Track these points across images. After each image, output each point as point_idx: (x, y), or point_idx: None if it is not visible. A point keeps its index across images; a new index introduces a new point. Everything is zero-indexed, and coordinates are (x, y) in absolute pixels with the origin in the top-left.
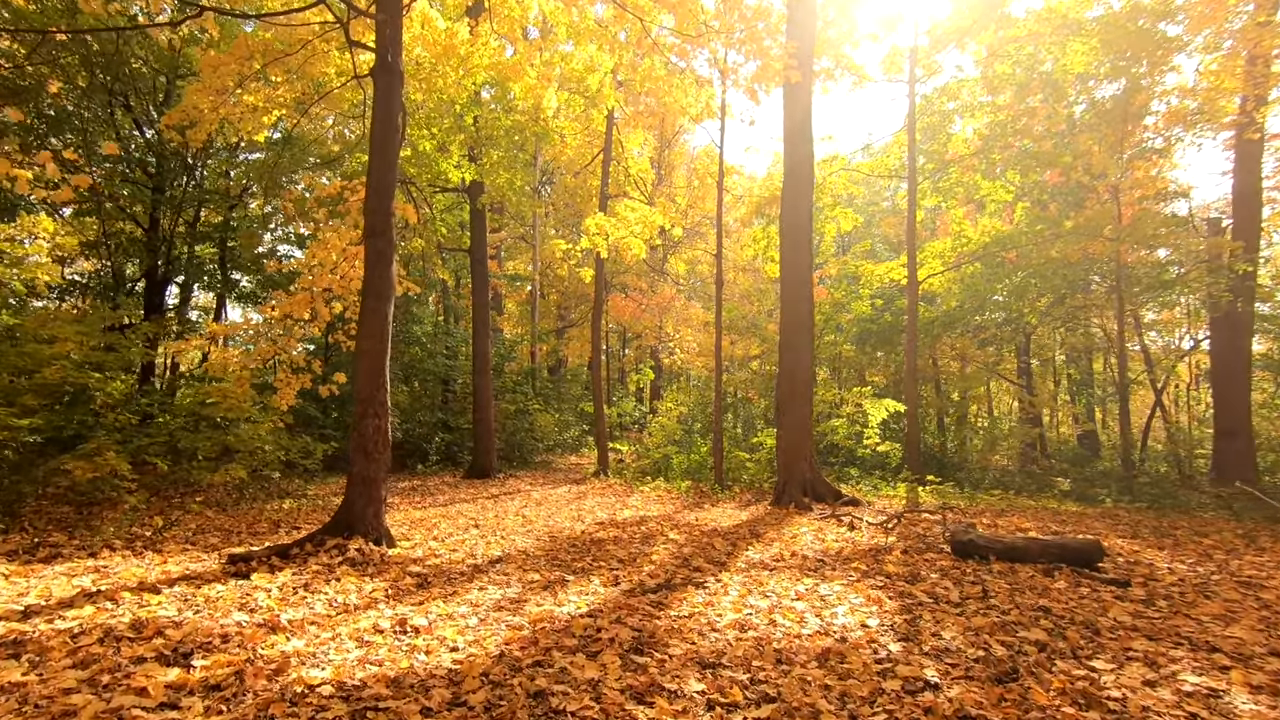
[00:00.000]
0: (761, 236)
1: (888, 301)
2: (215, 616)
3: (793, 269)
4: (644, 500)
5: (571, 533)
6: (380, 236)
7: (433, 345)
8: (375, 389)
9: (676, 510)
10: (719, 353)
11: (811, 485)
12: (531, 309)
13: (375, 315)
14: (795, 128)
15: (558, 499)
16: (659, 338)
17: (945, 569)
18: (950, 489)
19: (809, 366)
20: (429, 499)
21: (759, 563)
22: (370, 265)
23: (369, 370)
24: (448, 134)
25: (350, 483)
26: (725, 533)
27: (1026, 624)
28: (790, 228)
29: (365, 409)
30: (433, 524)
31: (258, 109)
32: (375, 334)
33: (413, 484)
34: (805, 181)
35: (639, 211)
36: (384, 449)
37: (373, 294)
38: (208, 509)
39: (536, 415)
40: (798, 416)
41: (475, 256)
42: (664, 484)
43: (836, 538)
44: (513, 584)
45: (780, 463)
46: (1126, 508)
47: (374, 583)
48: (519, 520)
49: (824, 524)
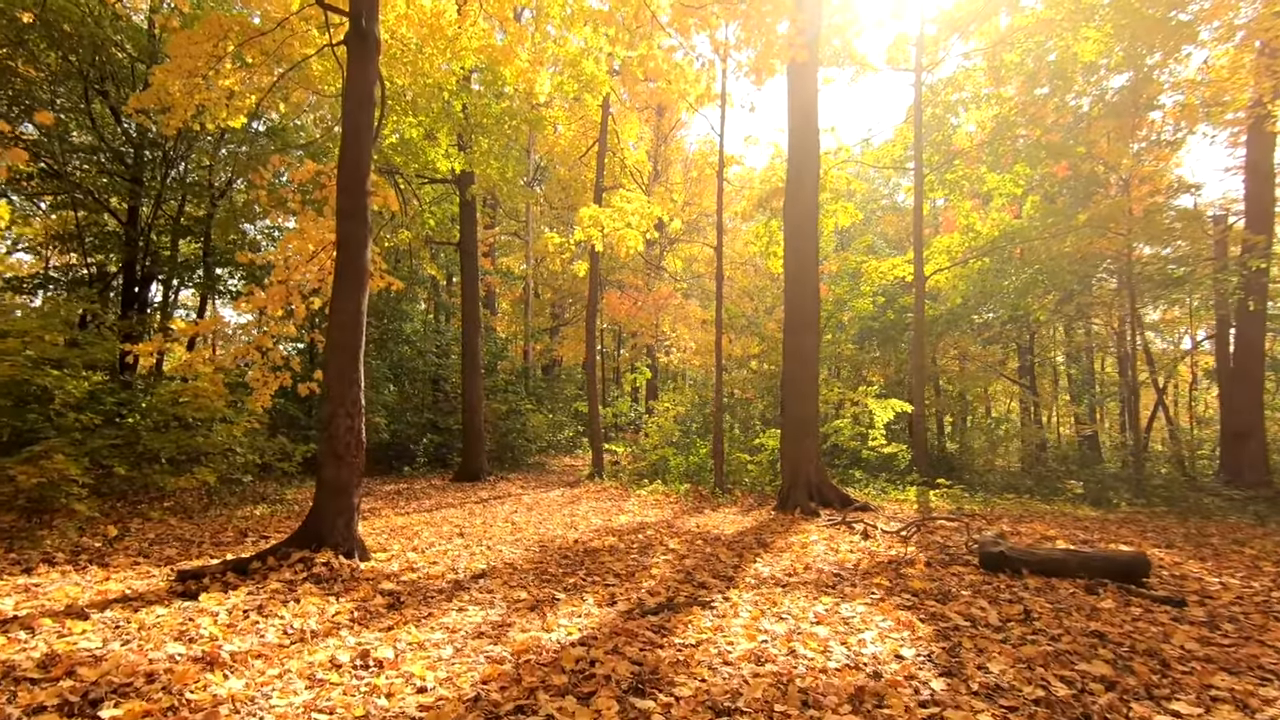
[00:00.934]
0: (763, 231)
1: (889, 299)
2: (145, 649)
3: (797, 260)
4: (641, 505)
5: (563, 542)
6: (353, 219)
7: (422, 344)
8: (348, 385)
9: (675, 515)
10: (719, 350)
11: (818, 489)
12: (525, 307)
13: (347, 304)
14: (801, 108)
15: (550, 503)
16: (655, 336)
17: (976, 585)
18: (960, 492)
19: (814, 364)
20: (414, 503)
21: (770, 578)
22: (343, 250)
23: (341, 364)
24: (435, 120)
25: (319, 489)
26: (729, 541)
27: (1084, 654)
28: (795, 216)
29: (336, 407)
30: (414, 532)
31: (234, 94)
32: (347, 324)
33: (398, 487)
34: (811, 167)
35: (636, 202)
36: (357, 452)
37: (345, 281)
38: (172, 516)
39: (529, 415)
40: (803, 417)
41: (465, 250)
42: (662, 487)
43: (851, 548)
44: (496, 603)
45: (785, 466)
46: (1144, 512)
47: (339, 603)
48: (507, 527)
49: (835, 532)
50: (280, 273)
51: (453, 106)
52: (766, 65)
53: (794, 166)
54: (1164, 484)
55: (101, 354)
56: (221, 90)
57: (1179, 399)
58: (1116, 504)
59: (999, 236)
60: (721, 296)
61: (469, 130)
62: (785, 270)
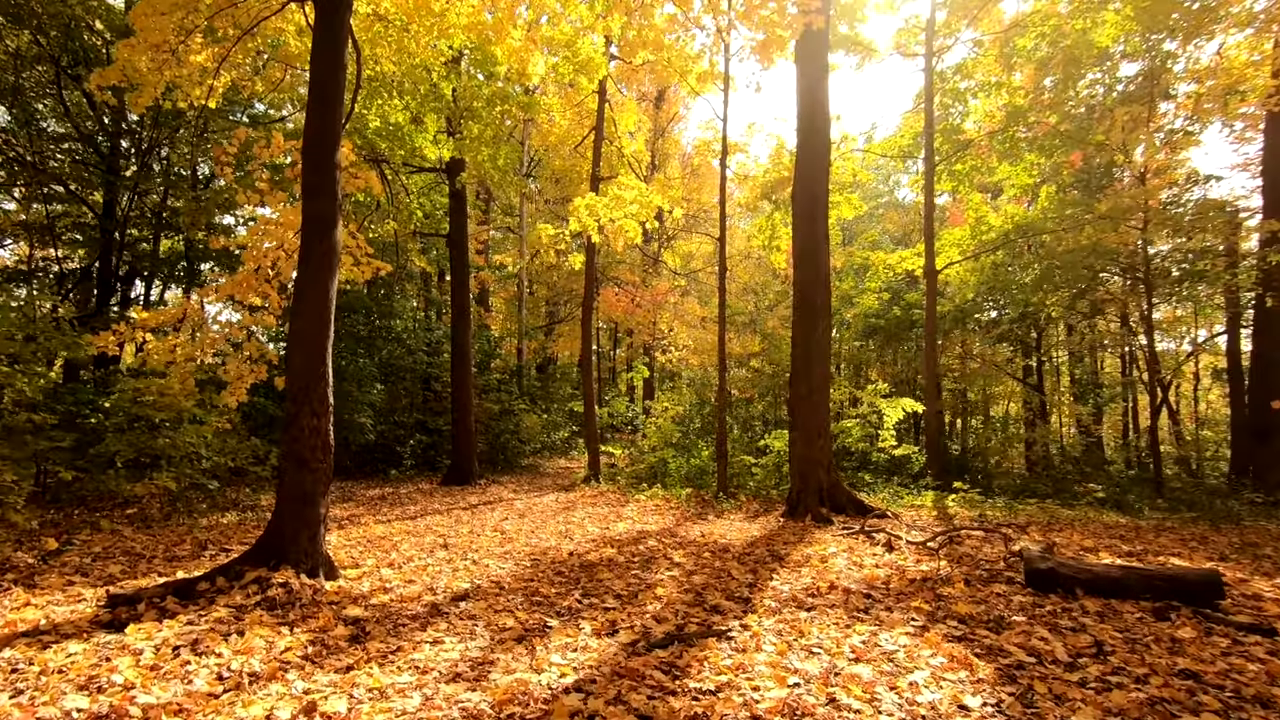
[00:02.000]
0: (765, 224)
1: (895, 295)
2: (38, 701)
3: (807, 247)
4: (640, 511)
5: (557, 554)
6: (321, 196)
7: (412, 341)
8: (314, 380)
9: (677, 522)
10: (723, 347)
11: (830, 494)
12: (519, 303)
13: (313, 290)
14: (809, 85)
15: (543, 509)
16: (653, 335)
17: (1028, 608)
18: (977, 497)
19: (826, 359)
20: (397, 510)
21: (791, 598)
22: (309, 230)
23: (306, 357)
24: (423, 104)
25: (280, 498)
26: (739, 554)
27: (1183, 702)
28: (805, 199)
29: (300, 405)
30: (393, 543)
31: (207, 70)
32: (313, 313)
33: (383, 491)
34: (821, 145)
35: (634, 190)
36: (324, 456)
37: (310, 265)
38: (128, 526)
39: (523, 416)
40: (813, 417)
41: (454, 242)
42: (661, 491)
43: (876, 562)
44: (478, 632)
45: (794, 469)
46: (1172, 518)
47: (293, 635)
48: (496, 537)
49: (854, 542)
50: (252, 258)
51: (441, 89)
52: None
53: (804, 144)
54: (1182, 487)
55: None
56: (193, 66)
57: (1182, 399)
58: (1139, 509)
59: (1012, 229)
60: (724, 290)
61: (458, 114)
62: (794, 256)
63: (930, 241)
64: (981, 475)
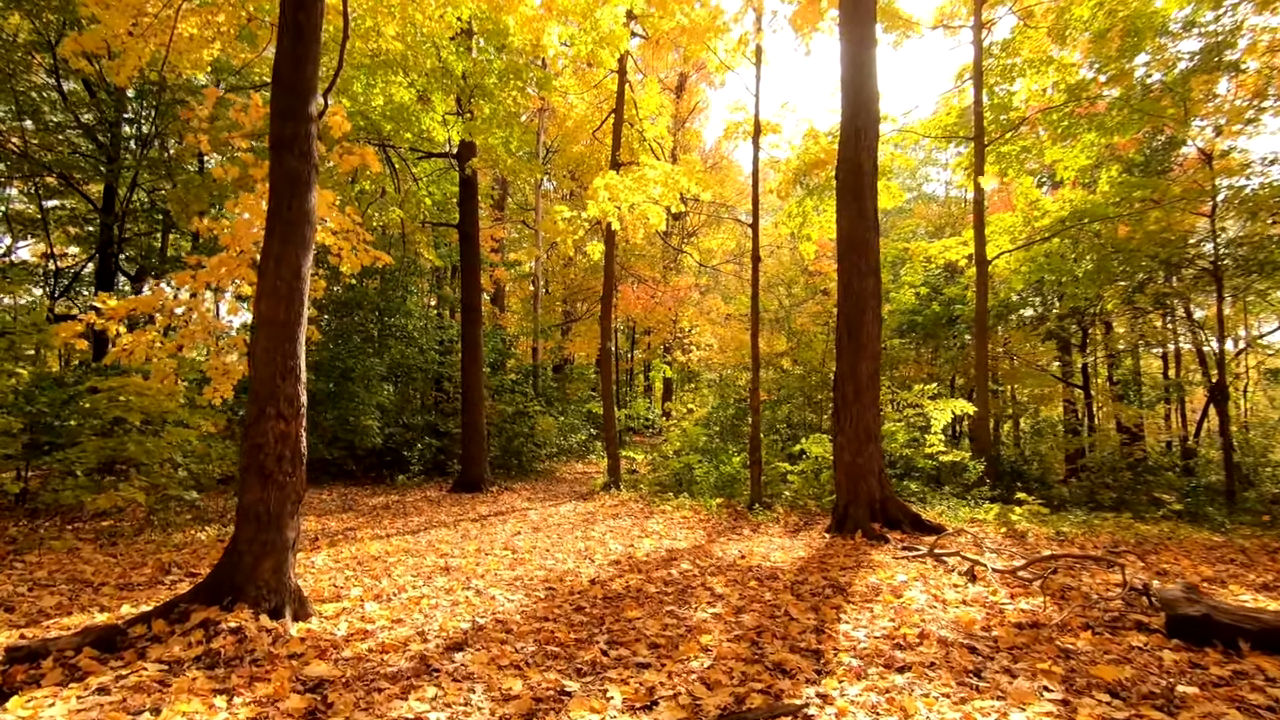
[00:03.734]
0: (796, 210)
1: (932, 290)
2: None
3: (853, 228)
4: (667, 524)
5: (576, 582)
6: (291, 150)
7: (423, 340)
8: (282, 374)
9: (709, 538)
10: (755, 342)
11: (882, 507)
12: (534, 299)
13: (282, 266)
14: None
15: (560, 521)
16: (674, 333)
17: (1188, 671)
18: (1042, 509)
19: (875, 357)
20: (399, 521)
21: (874, 651)
22: (277, 193)
23: (271, 346)
24: (429, 81)
25: (239, 520)
26: (791, 581)
27: None
28: (851, 174)
29: (264, 405)
30: (388, 565)
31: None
32: (281, 293)
33: (387, 499)
34: (869, 112)
35: (659, 169)
36: (293, 468)
37: (277, 235)
38: (90, 544)
39: (538, 418)
40: (862, 421)
41: (465, 232)
42: (689, 501)
43: (960, 596)
44: (475, 701)
45: (840, 478)
46: (1268, 534)
47: (230, 709)
48: (506, 557)
49: (923, 568)
50: (233, 240)
51: (450, 65)
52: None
53: (850, 113)
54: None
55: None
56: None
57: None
58: (1220, 522)
59: (1069, 215)
60: (758, 280)
61: (468, 92)
62: (838, 240)
63: (980, 227)
64: (1036, 484)
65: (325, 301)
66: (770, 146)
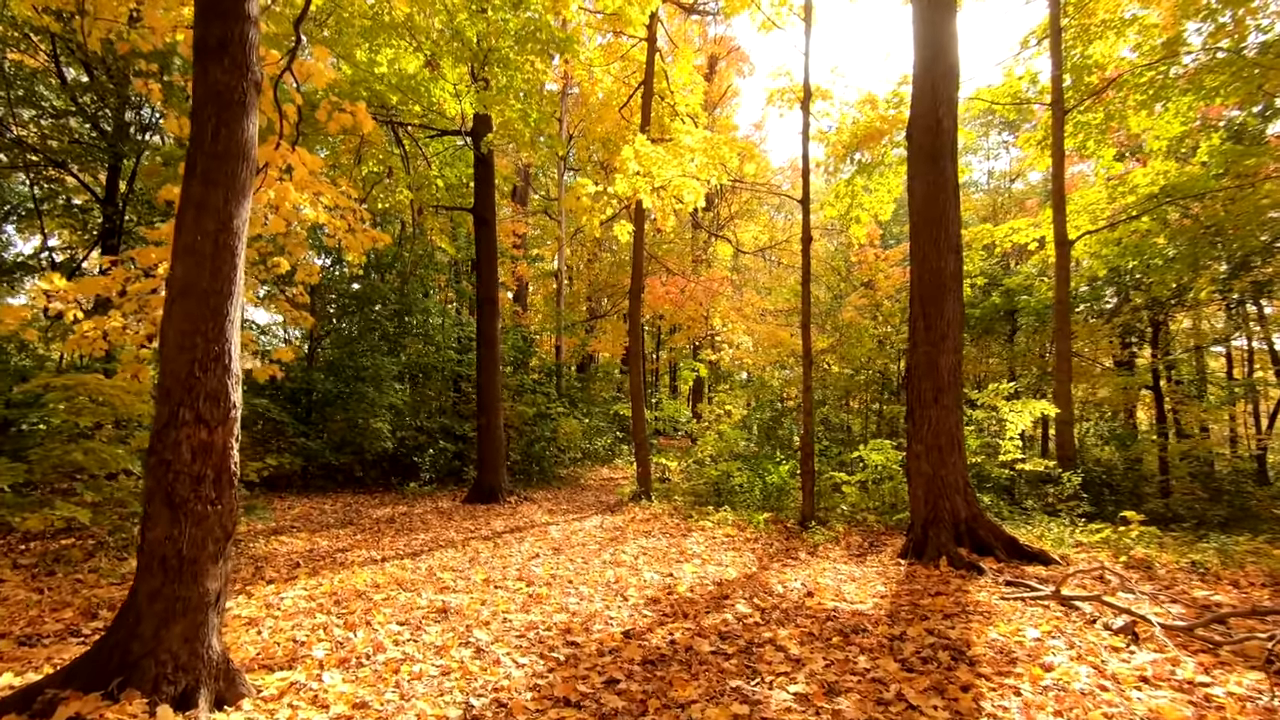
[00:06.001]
0: (844, 190)
1: (991, 281)
2: None
3: (930, 198)
4: (708, 544)
5: (605, 634)
6: (220, 61)
7: (440, 337)
8: (199, 365)
9: (762, 564)
10: (807, 335)
11: (969, 529)
12: (557, 291)
13: (203, 217)
14: None
15: (585, 540)
16: (705, 329)
17: None
18: (1154, 530)
19: (958, 350)
20: (401, 540)
21: None
22: (199, 117)
23: (188, 326)
24: (438, 45)
25: (139, 567)
26: (885, 636)
27: None
28: (927, 134)
29: (174, 407)
30: (371, 606)
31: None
32: (203, 252)
33: (394, 511)
34: (949, 61)
35: (697, 135)
36: (218, 494)
37: (199, 174)
38: (21, 574)
39: (561, 420)
40: (943, 425)
41: (480, 216)
42: (730, 515)
43: (1128, 666)
44: None
45: (916, 493)
46: None
47: None
48: (520, 592)
49: (1051, 617)
50: None
51: (460, 26)
52: None
53: (925, 65)
54: None
55: None
56: None
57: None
58: None
59: (1161, 190)
60: (809, 265)
61: (481, 58)
62: (911, 213)
63: (1061, 204)
64: (1130, 497)
65: (334, 295)
66: (820, 116)
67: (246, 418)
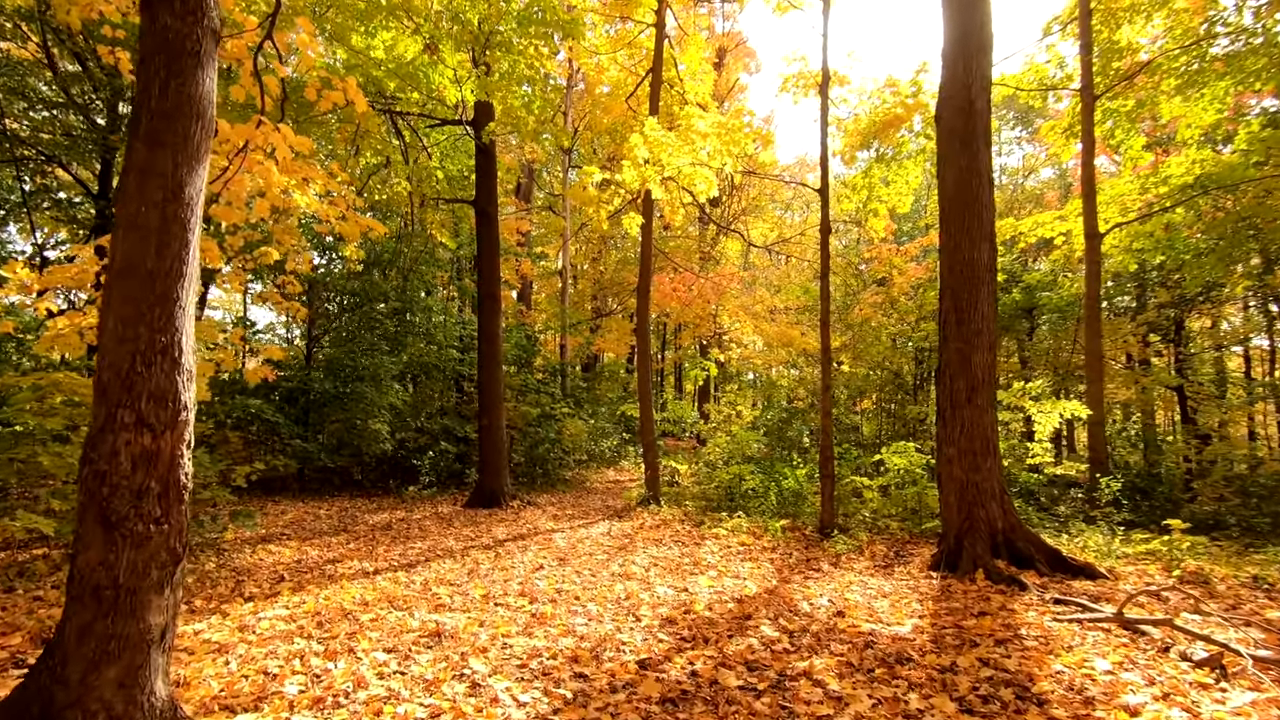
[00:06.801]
0: (862, 182)
1: (1011, 277)
2: None
3: (962, 181)
4: (723, 553)
5: (617, 663)
6: (169, 4)
7: (442, 336)
8: (142, 359)
9: (781, 576)
10: (826, 331)
11: (1006, 540)
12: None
13: (148, 184)
14: None
15: (592, 549)
16: (713, 329)
17: None
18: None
19: (993, 346)
20: (397, 549)
21: None
22: (145, 69)
23: (130, 313)
24: (438, 28)
25: (70, 598)
26: (935, 667)
27: None
28: (958, 114)
29: (113, 409)
30: (357, 629)
31: None
32: (148, 225)
33: (391, 517)
34: (981, 37)
35: (709, 119)
36: (164, 511)
37: (144, 133)
38: None
39: (566, 421)
40: (978, 426)
41: (481, 209)
42: (745, 523)
43: (1225, 707)
44: None
45: (949, 500)
46: None
47: None
48: (522, 610)
49: (1118, 644)
50: None
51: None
52: None
53: (957, 39)
54: None
55: None
56: None
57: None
58: None
59: (1195, 180)
60: (828, 257)
61: (482, 42)
62: (942, 194)
63: (1091, 195)
64: (1166, 503)
65: (332, 293)
66: (837, 102)
67: (240, 419)
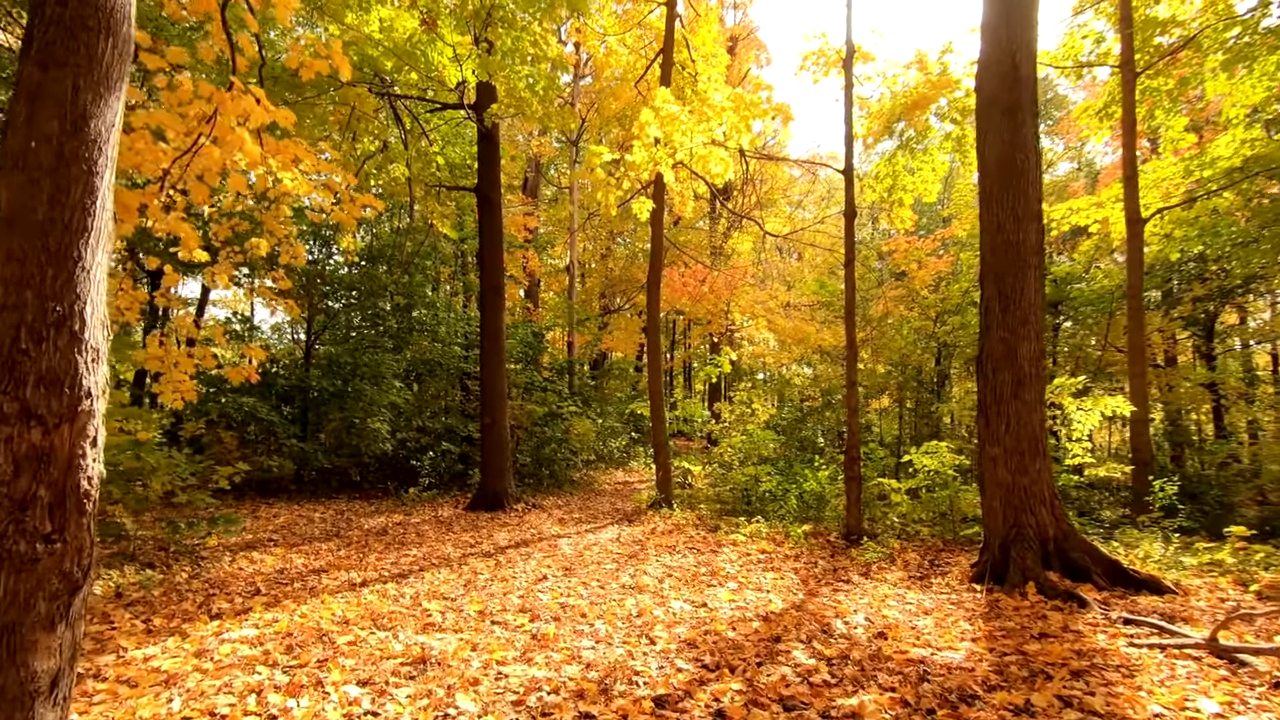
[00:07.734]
0: (886, 170)
1: None
2: None
3: (1006, 154)
4: (742, 562)
5: (629, 700)
6: None
7: (445, 332)
8: (31, 333)
9: (809, 588)
10: (851, 323)
11: (1058, 549)
12: (569, 285)
13: (39, 112)
14: None
15: (600, 559)
16: (725, 325)
17: None
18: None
19: (1040, 335)
20: (390, 556)
21: None
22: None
23: (18, 273)
24: (436, 2)
25: None
26: (1004, 707)
27: None
28: (1001, 85)
29: None
30: (331, 653)
31: None
32: (41, 164)
33: (388, 520)
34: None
35: (725, 93)
36: (59, 527)
37: (35, 50)
38: None
39: (573, 420)
40: (1026, 424)
41: (484, 196)
42: (763, 527)
43: None
44: None
45: (993, 505)
46: None
47: None
48: (521, 630)
49: (1221, 679)
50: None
51: None
52: None
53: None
54: None
55: None
56: None
57: None
58: None
59: (1247, 162)
60: (852, 242)
61: (482, 17)
62: (982, 170)
63: (1133, 178)
64: (1217, 507)
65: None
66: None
67: (234, 419)
